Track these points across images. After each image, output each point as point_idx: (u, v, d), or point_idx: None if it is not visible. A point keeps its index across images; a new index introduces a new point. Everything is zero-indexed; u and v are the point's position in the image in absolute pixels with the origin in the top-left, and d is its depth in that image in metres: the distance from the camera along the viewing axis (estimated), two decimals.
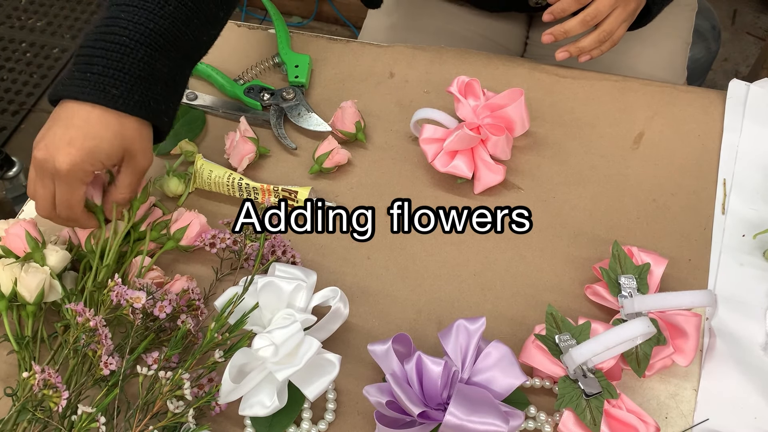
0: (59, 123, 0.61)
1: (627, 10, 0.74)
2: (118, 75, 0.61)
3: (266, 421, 0.61)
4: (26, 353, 0.63)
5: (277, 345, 0.57)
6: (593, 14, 0.73)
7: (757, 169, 0.76)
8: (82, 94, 0.61)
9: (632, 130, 0.80)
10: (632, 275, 0.65)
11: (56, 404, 0.54)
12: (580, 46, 0.76)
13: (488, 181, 0.75)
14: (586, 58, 0.77)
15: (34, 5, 2.35)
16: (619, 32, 0.76)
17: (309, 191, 0.74)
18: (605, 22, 0.74)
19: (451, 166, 0.74)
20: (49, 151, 0.60)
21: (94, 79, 0.61)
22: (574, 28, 0.74)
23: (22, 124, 2.07)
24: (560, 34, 0.75)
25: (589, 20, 0.73)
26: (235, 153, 0.77)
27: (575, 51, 0.76)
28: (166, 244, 0.71)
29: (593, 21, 0.73)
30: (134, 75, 0.62)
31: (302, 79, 0.85)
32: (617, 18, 0.74)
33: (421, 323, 0.68)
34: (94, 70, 0.61)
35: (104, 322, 0.58)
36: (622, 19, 0.74)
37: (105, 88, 0.61)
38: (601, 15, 0.73)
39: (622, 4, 0.74)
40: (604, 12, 0.73)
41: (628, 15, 0.75)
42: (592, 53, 0.77)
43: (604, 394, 0.58)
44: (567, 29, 0.74)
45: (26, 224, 0.66)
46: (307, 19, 2.22)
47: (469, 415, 0.54)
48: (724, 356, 0.64)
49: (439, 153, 0.75)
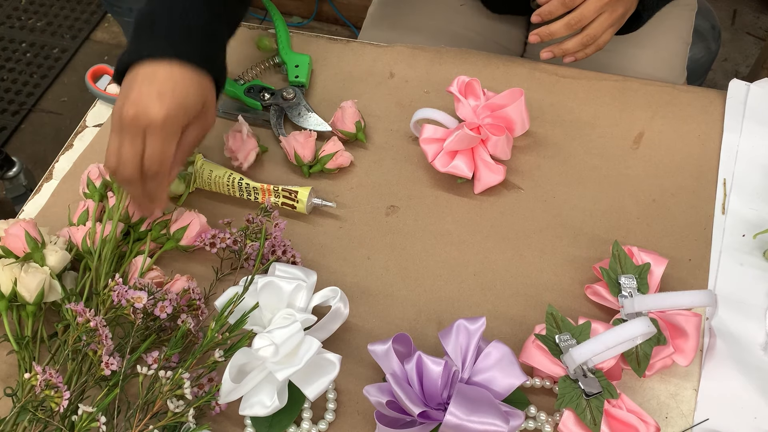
0: (142, 82, 0.61)
1: (614, 15, 0.75)
2: (186, 32, 0.63)
3: (266, 421, 0.61)
4: (26, 353, 0.63)
5: (277, 345, 0.57)
6: (578, 18, 0.74)
7: (757, 169, 0.76)
8: (159, 52, 0.62)
9: (632, 130, 0.80)
10: (632, 275, 0.65)
11: (57, 405, 0.54)
12: (563, 47, 0.77)
13: (488, 181, 0.75)
14: (570, 59, 0.78)
15: (34, 5, 2.35)
16: (605, 37, 0.77)
17: (309, 191, 0.74)
18: (590, 26, 0.75)
19: (451, 166, 0.74)
20: (140, 106, 0.60)
21: (166, 38, 0.63)
22: (558, 31, 0.75)
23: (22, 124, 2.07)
24: (546, 35, 0.76)
25: (573, 24, 0.74)
26: (242, 149, 0.77)
27: (559, 52, 0.77)
28: (166, 244, 0.71)
29: (578, 25, 0.74)
30: (200, 32, 0.64)
31: (302, 79, 0.85)
32: (602, 23, 0.75)
33: (421, 323, 0.68)
34: (162, 31, 0.63)
35: (104, 323, 0.58)
36: (608, 24, 0.75)
37: (178, 45, 0.63)
38: (586, 19, 0.74)
39: (608, 9, 0.74)
40: (588, 16, 0.74)
41: (614, 20, 0.76)
42: (576, 55, 0.78)
43: (604, 394, 0.58)
44: (552, 31, 0.75)
45: (26, 224, 0.66)
46: (307, 19, 2.22)
47: (469, 415, 0.54)
48: (724, 356, 0.64)
49: (440, 153, 0.75)
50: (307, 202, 0.74)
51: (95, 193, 0.72)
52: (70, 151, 0.83)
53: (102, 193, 0.72)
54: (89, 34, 2.28)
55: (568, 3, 0.73)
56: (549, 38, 0.76)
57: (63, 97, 2.13)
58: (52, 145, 2.00)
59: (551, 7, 0.74)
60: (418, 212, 0.76)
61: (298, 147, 0.77)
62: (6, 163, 1.68)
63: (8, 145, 2.02)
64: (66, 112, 2.09)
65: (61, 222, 0.74)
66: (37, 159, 1.95)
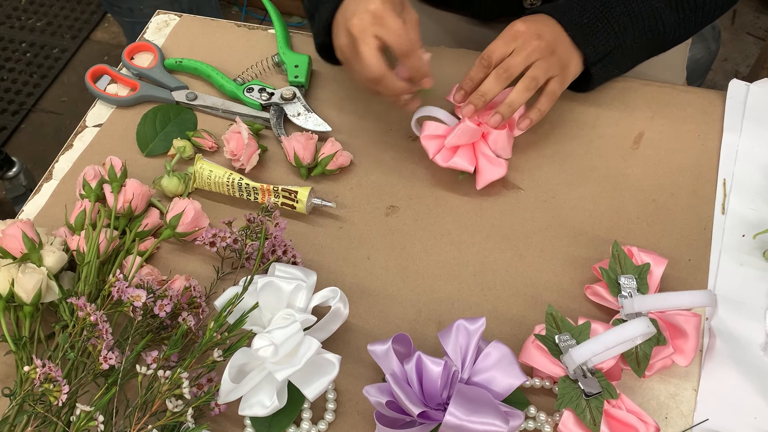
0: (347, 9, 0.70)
1: (550, 62, 0.73)
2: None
3: (266, 421, 0.61)
4: (24, 354, 0.62)
5: (277, 345, 0.57)
6: (505, 67, 0.71)
7: (757, 169, 0.76)
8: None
9: (632, 130, 0.80)
10: (632, 275, 0.65)
11: (56, 398, 0.55)
12: (509, 101, 0.72)
13: (490, 175, 0.74)
14: (526, 123, 0.74)
15: (34, 5, 2.35)
16: (553, 86, 0.74)
17: (309, 191, 0.74)
18: (528, 72, 0.72)
19: (452, 161, 0.74)
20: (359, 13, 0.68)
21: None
22: (490, 88, 0.72)
23: (22, 124, 2.07)
24: (478, 98, 0.72)
25: (501, 73, 0.71)
26: (244, 152, 0.77)
27: (480, 102, 0.72)
28: (164, 233, 0.71)
29: (505, 74, 0.71)
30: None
31: (302, 79, 0.85)
32: (540, 66, 0.72)
33: (421, 323, 0.68)
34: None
35: (105, 318, 0.58)
36: (545, 68, 0.72)
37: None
38: (514, 69, 0.71)
39: (540, 57, 0.72)
40: (516, 66, 0.71)
41: (552, 67, 0.73)
42: (530, 115, 0.74)
43: (604, 394, 0.58)
44: (484, 91, 0.72)
45: (23, 225, 0.66)
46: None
47: (469, 415, 0.54)
48: (724, 356, 0.63)
49: (441, 149, 0.75)
50: (307, 202, 0.74)
51: (91, 194, 0.71)
52: (70, 151, 0.83)
53: (98, 194, 0.72)
54: (89, 34, 2.28)
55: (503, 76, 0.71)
56: (482, 101, 0.72)
57: (63, 97, 2.13)
58: (52, 145, 2.00)
59: (473, 72, 0.73)
60: (418, 212, 0.76)
61: (299, 148, 0.77)
62: (6, 163, 1.68)
63: (8, 145, 2.02)
64: (66, 112, 2.10)
65: (60, 222, 0.74)
66: (37, 159, 1.95)
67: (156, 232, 0.74)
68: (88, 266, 0.66)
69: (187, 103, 0.86)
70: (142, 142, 0.83)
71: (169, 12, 0.98)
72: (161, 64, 0.89)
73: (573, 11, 0.75)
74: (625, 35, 0.76)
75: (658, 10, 0.76)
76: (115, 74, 0.89)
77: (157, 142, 0.82)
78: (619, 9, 0.75)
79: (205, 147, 0.81)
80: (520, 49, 0.72)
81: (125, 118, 0.86)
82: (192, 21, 0.96)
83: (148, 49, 0.92)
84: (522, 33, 0.73)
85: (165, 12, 0.98)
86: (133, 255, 0.68)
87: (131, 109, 0.87)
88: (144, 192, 0.73)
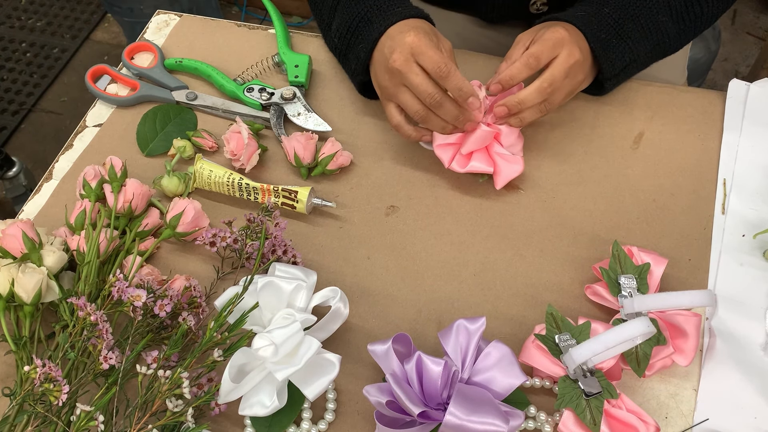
0: (383, 46, 0.73)
1: (573, 82, 0.73)
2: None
3: (266, 421, 0.61)
4: (24, 353, 0.62)
5: (277, 345, 0.57)
6: (549, 81, 0.71)
7: (757, 169, 0.76)
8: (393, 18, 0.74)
9: (632, 130, 0.80)
10: (632, 275, 0.65)
11: (57, 398, 0.55)
12: (518, 100, 0.72)
13: (509, 173, 0.74)
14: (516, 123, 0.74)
15: (34, 5, 2.35)
16: (558, 98, 0.74)
17: (309, 191, 0.74)
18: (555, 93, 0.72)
19: (470, 166, 0.74)
20: (397, 48, 0.70)
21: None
22: (529, 99, 0.72)
23: (22, 124, 2.07)
24: (515, 104, 0.72)
25: (545, 87, 0.71)
26: (244, 152, 0.77)
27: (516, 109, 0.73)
28: (164, 233, 0.71)
29: (549, 88, 0.71)
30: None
31: (302, 79, 0.85)
32: (572, 82, 0.73)
33: (421, 323, 0.68)
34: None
35: (105, 317, 0.58)
36: (568, 91, 0.74)
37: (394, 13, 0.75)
38: (557, 85, 0.71)
39: (571, 74, 0.72)
40: (559, 80, 0.71)
41: (577, 86, 0.75)
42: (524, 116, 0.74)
43: (604, 394, 0.58)
44: (522, 99, 0.72)
45: (23, 225, 0.66)
46: (307, 19, 2.22)
47: (469, 415, 0.54)
48: (724, 356, 0.64)
49: (455, 155, 0.74)
50: (307, 202, 0.74)
51: (91, 194, 0.71)
52: (70, 151, 0.83)
53: (98, 194, 0.72)
54: (89, 34, 2.28)
55: (533, 64, 0.71)
56: (518, 109, 0.72)
57: (63, 97, 2.13)
58: (52, 145, 2.00)
59: (513, 71, 0.71)
60: (418, 212, 0.76)
61: (299, 148, 0.77)
62: (6, 163, 1.68)
63: (8, 145, 2.02)
64: (66, 112, 2.10)
65: (60, 222, 0.74)
66: (37, 159, 1.95)
67: (156, 232, 0.74)
68: (88, 266, 0.66)
69: (187, 103, 0.86)
70: (142, 142, 0.83)
71: (169, 12, 0.98)
72: (161, 64, 0.89)
73: (593, 24, 0.74)
74: (638, 50, 0.76)
75: (662, 24, 0.76)
76: (115, 74, 0.89)
77: (157, 142, 0.82)
78: (629, 25, 0.75)
79: (205, 147, 0.81)
80: (563, 61, 0.71)
81: (125, 118, 0.86)
82: (192, 21, 0.96)
83: (148, 49, 0.92)
84: (566, 41, 0.71)
85: (165, 12, 0.98)
86: (133, 255, 0.68)
87: (131, 109, 0.87)
88: (144, 192, 0.73)
